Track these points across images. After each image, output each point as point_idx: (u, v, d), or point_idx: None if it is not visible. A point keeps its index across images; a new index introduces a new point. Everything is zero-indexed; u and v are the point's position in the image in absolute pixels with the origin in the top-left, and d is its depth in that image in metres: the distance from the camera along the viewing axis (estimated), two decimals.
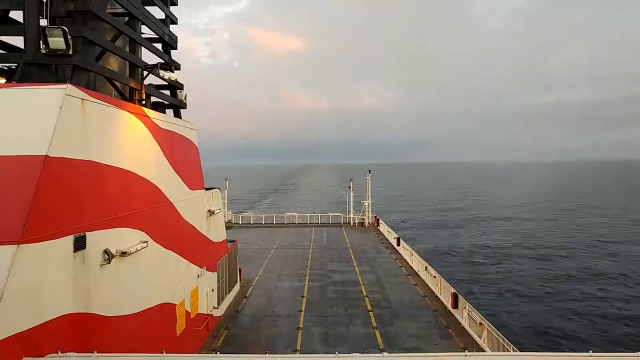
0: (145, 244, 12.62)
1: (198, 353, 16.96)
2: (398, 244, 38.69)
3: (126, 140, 12.42)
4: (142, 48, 16.44)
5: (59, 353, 8.21)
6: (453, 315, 22.07)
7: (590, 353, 7.80)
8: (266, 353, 11.23)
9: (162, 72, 16.14)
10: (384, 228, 48.83)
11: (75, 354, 8.19)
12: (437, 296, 25.10)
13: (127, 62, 15.57)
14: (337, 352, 8.10)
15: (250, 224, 56.42)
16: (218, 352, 16.50)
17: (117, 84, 14.59)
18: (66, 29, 10.70)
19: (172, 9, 19.36)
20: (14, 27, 12.34)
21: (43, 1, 11.30)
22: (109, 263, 10.70)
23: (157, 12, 17.62)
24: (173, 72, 17.51)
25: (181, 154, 17.17)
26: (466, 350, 17.66)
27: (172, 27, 19.11)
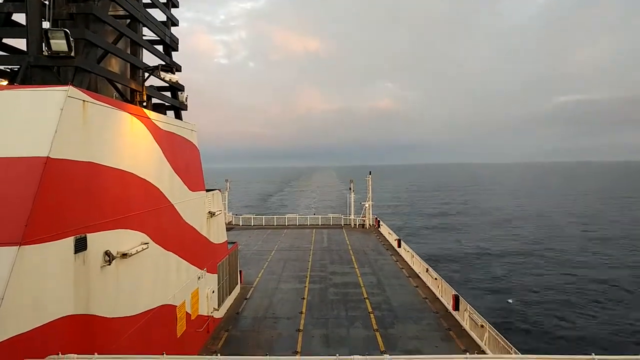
0: (146, 245, 12.63)
1: (198, 355, 16.94)
2: (399, 246, 38.64)
3: (127, 141, 12.43)
4: (144, 50, 16.48)
5: (60, 355, 8.20)
6: (454, 317, 22.03)
7: (593, 356, 7.72)
8: (267, 355, 11.20)
9: (163, 74, 16.19)
10: (384, 230, 48.79)
11: (76, 355, 8.18)
12: (438, 298, 25.07)
13: (129, 64, 15.61)
14: (337, 355, 8.00)
15: (250, 225, 56.42)
16: (218, 354, 16.43)
17: (119, 85, 14.61)
18: (68, 31, 10.72)
19: (173, 10, 19.43)
20: (16, 30, 12.40)
21: (45, 4, 11.34)
22: (109, 264, 10.71)
23: (158, 15, 17.69)
24: (174, 73, 17.57)
25: (182, 156, 17.19)
26: (467, 353, 17.62)
27: (173, 29, 19.18)
